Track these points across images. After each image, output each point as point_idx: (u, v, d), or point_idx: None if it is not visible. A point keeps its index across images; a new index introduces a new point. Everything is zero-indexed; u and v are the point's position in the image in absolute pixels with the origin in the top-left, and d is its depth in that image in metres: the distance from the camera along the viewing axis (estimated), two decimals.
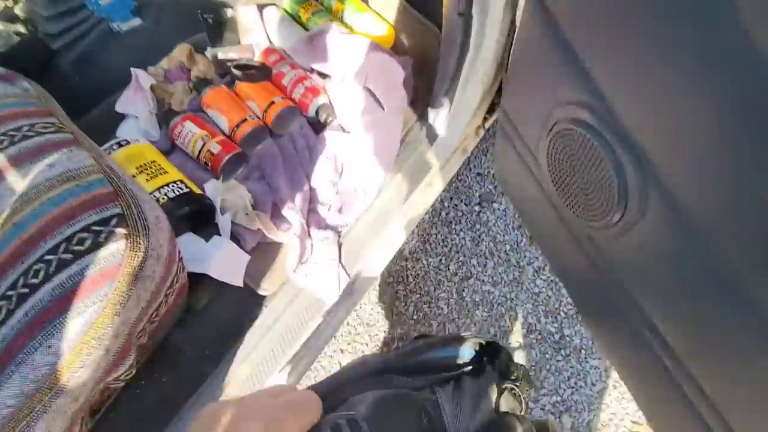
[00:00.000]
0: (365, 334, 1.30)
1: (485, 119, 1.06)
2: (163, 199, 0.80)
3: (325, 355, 1.27)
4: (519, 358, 1.22)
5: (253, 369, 0.81)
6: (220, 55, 1.01)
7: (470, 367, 0.36)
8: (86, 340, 0.49)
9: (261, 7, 1.06)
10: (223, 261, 0.79)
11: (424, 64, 0.98)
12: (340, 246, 0.89)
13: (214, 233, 0.83)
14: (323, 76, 1.00)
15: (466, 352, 0.37)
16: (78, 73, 1.06)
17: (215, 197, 0.85)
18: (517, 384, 0.36)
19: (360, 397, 0.32)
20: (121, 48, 1.08)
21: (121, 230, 0.52)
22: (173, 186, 0.82)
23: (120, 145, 0.86)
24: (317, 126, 0.98)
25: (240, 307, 0.83)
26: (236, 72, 0.90)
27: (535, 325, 1.24)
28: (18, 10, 1.06)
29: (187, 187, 0.84)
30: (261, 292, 0.84)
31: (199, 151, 0.89)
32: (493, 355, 0.39)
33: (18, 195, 0.55)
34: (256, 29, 1.04)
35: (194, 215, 0.83)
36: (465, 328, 1.27)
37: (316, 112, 0.97)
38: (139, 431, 0.77)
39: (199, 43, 1.04)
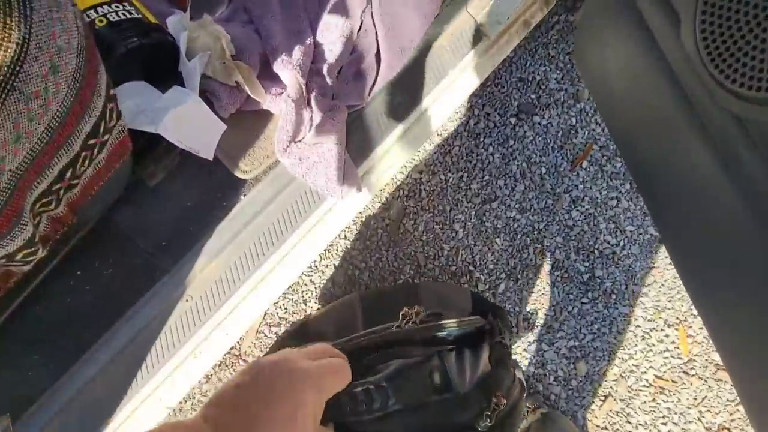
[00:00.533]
0: (364, 252, 1.12)
1: None
2: (101, 22, 0.55)
3: (315, 269, 1.10)
4: (535, 299, 1.06)
5: (223, 271, 0.63)
6: None
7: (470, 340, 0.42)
8: None
9: None
10: (185, 121, 0.56)
11: None
12: (347, 127, 0.66)
13: (175, 86, 0.59)
14: None
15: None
16: None
17: (179, 34, 0.59)
18: (503, 337, 0.44)
19: (383, 366, 0.38)
20: None
21: None
22: (118, 7, 0.57)
23: None
24: None
25: (209, 189, 0.62)
26: None
27: (563, 262, 1.06)
28: None
29: (139, 12, 0.58)
30: (238, 174, 0.63)
31: None
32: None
33: None
34: None
35: (147, 55, 0.58)
36: (481, 256, 1.09)
37: None
38: (76, 331, 0.60)
39: None
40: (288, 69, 0.61)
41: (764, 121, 0.39)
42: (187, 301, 0.62)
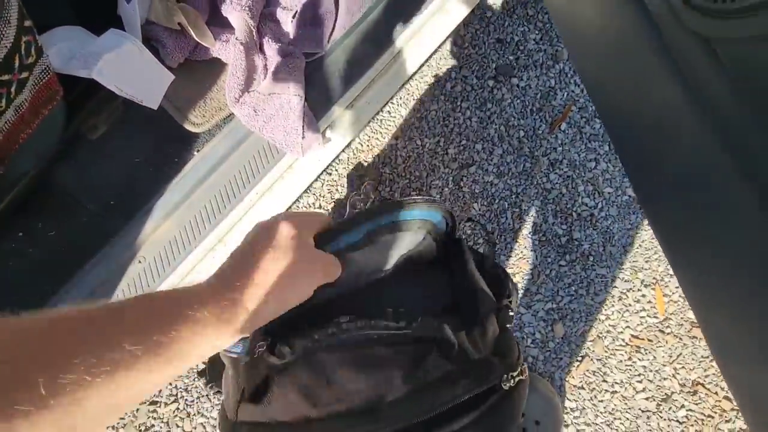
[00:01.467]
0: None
1: None
2: None
3: None
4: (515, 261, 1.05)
5: (177, 230, 0.59)
6: None
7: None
8: None
9: None
10: (124, 66, 0.52)
11: None
12: (306, 78, 0.62)
13: (112, 29, 0.54)
14: None
15: None
16: None
17: None
18: (510, 300, 0.42)
19: None
20: None
21: None
22: None
23: None
24: None
25: (157, 143, 0.59)
26: None
27: (541, 225, 1.05)
28: None
29: None
30: (189, 126, 0.59)
31: None
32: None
33: None
34: None
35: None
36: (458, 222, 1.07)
37: None
38: (18, 298, 0.57)
39: None
40: (236, 11, 0.56)
41: (731, 38, 0.36)
42: (139, 262, 0.59)
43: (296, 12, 0.61)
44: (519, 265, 1.04)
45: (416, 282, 0.43)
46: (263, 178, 0.62)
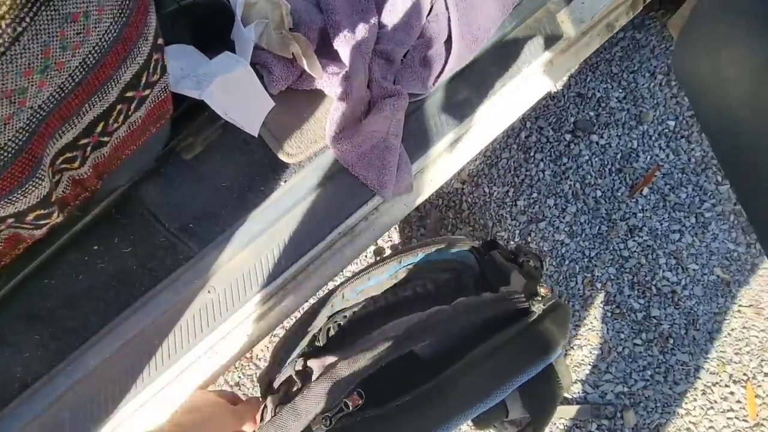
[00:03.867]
0: None
1: None
2: None
3: (342, 274, 1.02)
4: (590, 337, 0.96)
5: (253, 263, 0.55)
6: None
7: None
8: None
9: None
10: (232, 90, 0.50)
11: None
12: (406, 118, 0.59)
13: (226, 52, 0.53)
14: None
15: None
16: None
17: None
18: (528, 258, 0.49)
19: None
20: None
21: None
22: None
23: None
24: None
25: (247, 170, 0.56)
26: None
27: (615, 296, 0.96)
28: None
29: None
30: (282, 156, 0.56)
31: None
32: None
33: None
34: None
35: (199, 17, 0.53)
36: None
37: None
38: (83, 313, 0.53)
39: None
40: (350, 45, 0.54)
41: None
42: (209, 292, 0.55)
43: (407, 53, 0.58)
44: (587, 336, 0.95)
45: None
46: (349, 218, 0.58)
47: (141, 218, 0.55)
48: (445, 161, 0.63)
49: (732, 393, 0.88)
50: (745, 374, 0.89)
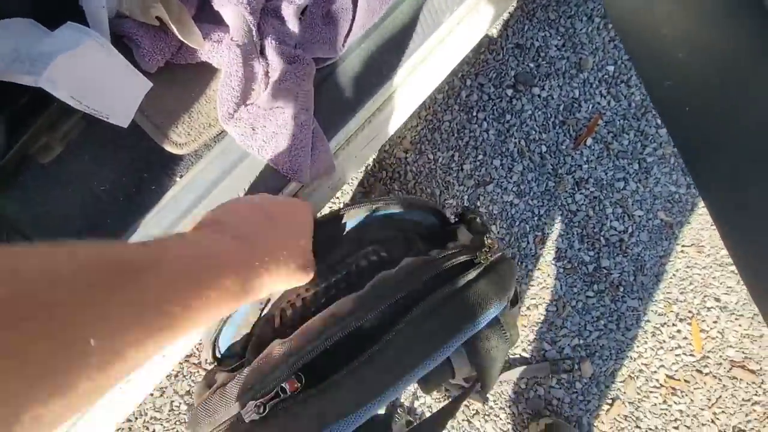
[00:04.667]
0: None
1: None
2: None
3: None
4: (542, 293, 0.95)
5: None
6: None
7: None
8: None
9: None
10: (83, 72, 0.40)
11: None
12: (316, 88, 0.51)
13: (69, 22, 0.43)
14: None
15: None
16: None
17: None
18: (475, 215, 0.49)
19: None
20: None
21: None
22: None
23: None
24: None
25: (129, 168, 0.47)
26: None
27: (566, 251, 0.95)
28: None
29: None
30: (169, 147, 0.47)
31: None
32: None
33: None
34: None
35: None
36: None
37: None
38: None
39: None
40: (232, 4, 0.45)
41: None
42: None
43: (306, 8, 0.49)
44: (542, 295, 0.94)
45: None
46: None
47: (6, 238, 0.45)
48: (368, 132, 0.57)
49: (679, 331, 0.91)
50: (690, 311, 0.92)
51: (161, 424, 0.90)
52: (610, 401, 0.89)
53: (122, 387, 0.50)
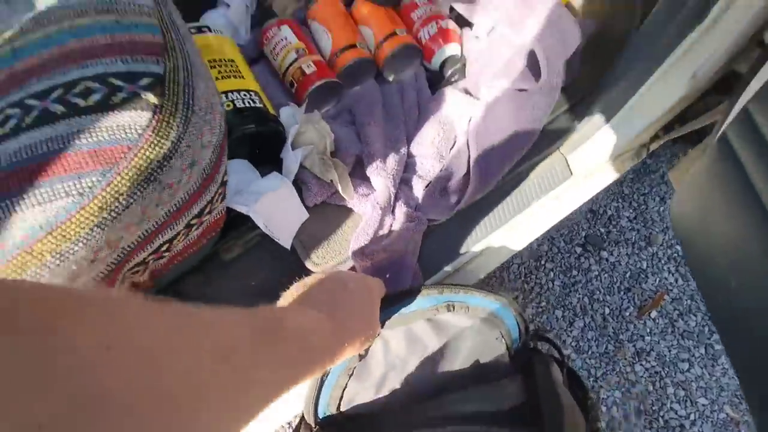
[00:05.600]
0: None
1: (656, 137, 0.78)
2: (229, 106, 0.61)
3: None
4: None
5: None
6: None
7: None
8: (37, 251, 0.29)
9: None
10: (273, 207, 0.58)
11: (599, 34, 0.72)
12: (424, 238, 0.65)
13: (274, 171, 0.62)
14: (462, 22, 0.77)
15: None
16: None
17: (290, 125, 0.64)
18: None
19: None
20: None
21: (151, 97, 0.32)
22: (245, 95, 0.63)
23: (199, 30, 0.68)
24: (436, 81, 0.76)
25: (277, 272, 0.62)
26: None
27: (620, 423, 0.93)
28: None
29: (261, 102, 0.64)
30: (309, 264, 0.62)
31: (289, 66, 0.69)
32: None
33: (34, 13, 0.36)
34: None
35: (258, 139, 0.63)
36: None
37: (442, 65, 0.74)
38: None
39: None
40: (381, 176, 0.62)
41: None
42: None
43: (429, 183, 0.66)
44: None
45: (484, 389, 0.45)
46: None
47: None
48: (456, 279, 0.68)
49: None
50: None
51: None
52: None
53: None
